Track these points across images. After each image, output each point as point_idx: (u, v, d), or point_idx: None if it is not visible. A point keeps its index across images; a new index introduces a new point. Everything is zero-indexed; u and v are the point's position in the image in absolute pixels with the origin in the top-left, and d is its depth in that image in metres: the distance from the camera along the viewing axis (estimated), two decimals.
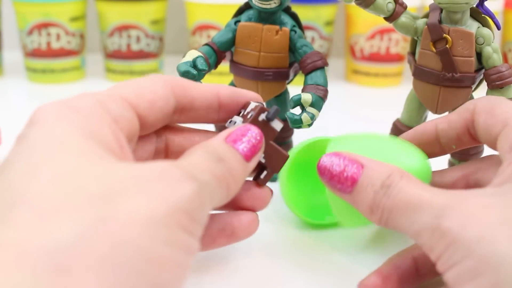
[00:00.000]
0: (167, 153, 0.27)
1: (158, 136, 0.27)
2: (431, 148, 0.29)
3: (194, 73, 0.33)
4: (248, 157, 0.24)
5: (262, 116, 0.25)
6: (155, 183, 0.19)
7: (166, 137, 0.27)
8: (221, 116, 0.27)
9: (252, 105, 0.26)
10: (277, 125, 0.26)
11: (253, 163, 0.24)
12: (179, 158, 0.22)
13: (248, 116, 0.25)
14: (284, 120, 0.29)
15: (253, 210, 0.27)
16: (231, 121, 0.27)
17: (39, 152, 0.19)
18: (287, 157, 0.27)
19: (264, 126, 0.25)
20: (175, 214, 0.19)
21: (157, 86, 0.25)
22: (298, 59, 0.36)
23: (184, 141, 0.27)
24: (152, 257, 0.17)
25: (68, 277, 0.16)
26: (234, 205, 0.26)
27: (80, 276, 0.16)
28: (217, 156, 0.22)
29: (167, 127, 0.27)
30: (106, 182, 0.19)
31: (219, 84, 0.27)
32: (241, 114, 0.27)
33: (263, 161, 0.26)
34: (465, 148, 0.30)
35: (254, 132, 0.24)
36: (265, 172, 0.26)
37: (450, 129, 0.28)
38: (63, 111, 0.21)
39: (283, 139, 0.40)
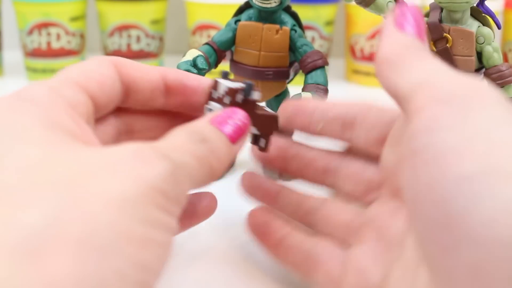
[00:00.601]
0: (133, 133, 0.27)
1: (116, 117, 0.26)
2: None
3: (194, 72, 0.33)
4: (233, 139, 0.23)
5: (240, 97, 0.25)
6: (127, 164, 0.18)
7: (127, 117, 0.27)
8: (170, 101, 0.27)
9: (223, 86, 0.26)
10: (256, 95, 0.26)
11: (238, 146, 0.24)
12: (160, 139, 0.21)
13: (224, 100, 0.25)
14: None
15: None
16: (209, 109, 0.26)
17: None
18: (277, 116, 0.27)
19: (245, 103, 0.25)
20: (150, 193, 0.18)
21: (103, 67, 0.24)
22: (298, 58, 0.36)
23: (146, 120, 0.27)
24: (130, 237, 0.17)
25: (45, 261, 0.16)
26: None
27: (58, 259, 0.16)
28: (200, 137, 0.22)
29: (128, 109, 0.26)
30: (75, 167, 0.18)
31: (168, 67, 0.27)
32: (214, 96, 0.26)
33: (257, 132, 0.26)
34: None
35: (240, 115, 0.24)
36: (262, 140, 0.27)
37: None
38: (17, 103, 0.20)
39: None
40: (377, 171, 0.26)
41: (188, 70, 0.33)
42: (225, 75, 0.26)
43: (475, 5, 0.32)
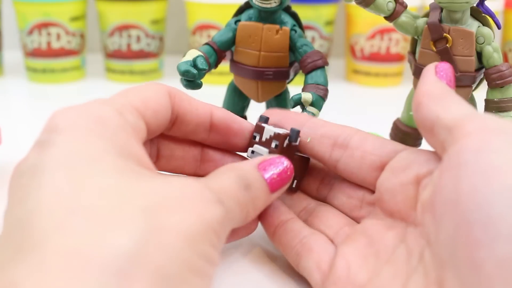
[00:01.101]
0: (158, 157, 0.28)
1: (151, 140, 0.28)
2: None
3: (194, 72, 0.33)
4: (274, 189, 0.25)
5: (286, 142, 0.28)
6: (192, 202, 0.21)
7: (158, 141, 0.28)
8: (211, 137, 0.28)
9: (269, 131, 0.28)
10: (297, 141, 0.28)
11: (276, 195, 0.26)
12: (209, 176, 0.24)
13: (272, 145, 0.27)
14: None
15: None
16: (253, 151, 0.28)
17: (79, 165, 0.20)
18: (309, 158, 0.29)
19: (288, 148, 0.28)
20: (207, 232, 0.20)
21: (159, 95, 0.25)
22: (299, 59, 0.36)
23: (175, 147, 0.29)
24: (193, 268, 0.19)
25: (130, 283, 0.17)
26: None
27: (140, 282, 0.17)
28: (246, 183, 0.24)
29: (162, 134, 0.28)
30: (147, 197, 0.20)
31: (214, 105, 0.28)
32: (257, 139, 0.28)
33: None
34: None
35: (286, 167, 0.26)
36: (295, 181, 0.29)
37: None
38: (90, 122, 0.22)
39: None
40: (368, 190, 0.28)
41: (188, 70, 0.33)
42: (265, 120, 0.29)
43: (475, 5, 0.32)
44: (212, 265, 0.21)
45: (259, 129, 0.28)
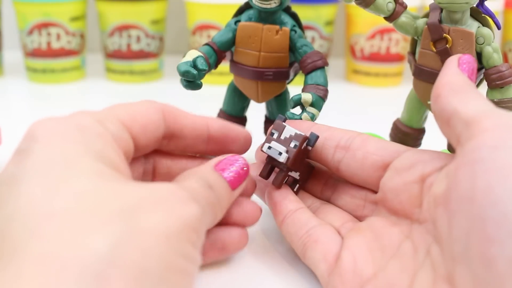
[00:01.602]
0: (154, 174, 0.29)
1: (146, 157, 0.28)
2: None
3: (194, 73, 0.33)
4: (234, 186, 0.26)
5: (304, 145, 0.28)
6: (168, 203, 0.21)
7: (154, 159, 0.28)
8: (209, 148, 0.29)
9: (290, 130, 0.28)
10: (313, 146, 0.28)
11: (238, 192, 0.26)
12: (176, 179, 0.24)
13: (292, 145, 0.28)
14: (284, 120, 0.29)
15: (243, 225, 0.28)
16: (270, 147, 0.28)
17: (54, 170, 0.20)
18: (313, 168, 0.30)
19: (304, 150, 0.28)
20: (186, 230, 0.21)
21: (149, 111, 0.26)
22: (298, 59, 0.36)
23: (171, 164, 0.29)
24: (172, 267, 0.19)
25: (109, 285, 0.17)
26: (226, 221, 0.27)
27: (118, 283, 0.17)
28: (208, 184, 0.24)
29: (155, 150, 0.28)
30: (123, 199, 0.20)
31: (209, 116, 0.29)
32: (275, 136, 0.28)
33: (297, 178, 0.30)
34: None
35: (242, 163, 0.26)
36: (297, 185, 0.30)
37: None
38: (67, 129, 0.22)
39: None
40: (370, 191, 0.28)
41: (188, 71, 0.33)
42: (284, 120, 0.29)
43: (474, 5, 0.32)
44: (193, 263, 0.21)
45: (278, 127, 0.28)
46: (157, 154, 0.28)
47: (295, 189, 0.30)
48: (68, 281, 0.17)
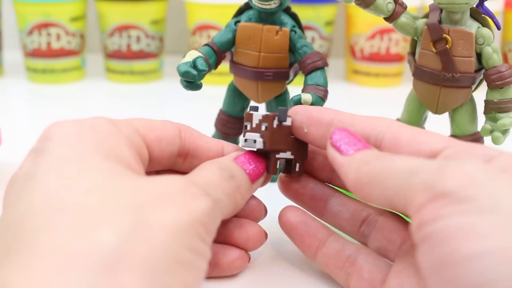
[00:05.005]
0: None
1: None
2: None
3: (194, 73, 0.33)
4: (253, 179, 0.26)
5: (275, 123, 0.27)
6: (178, 198, 0.21)
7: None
8: None
9: (257, 115, 0.27)
10: (289, 121, 0.28)
11: (255, 186, 0.27)
12: (192, 172, 0.25)
13: (263, 128, 0.27)
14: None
15: (244, 248, 0.27)
16: (246, 139, 0.27)
17: (67, 167, 0.21)
18: (307, 144, 0.28)
19: (280, 129, 0.27)
20: (195, 225, 0.21)
21: (166, 125, 0.26)
22: (298, 60, 0.36)
23: None
24: (180, 260, 0.20)
25: (117, 276, 0.18)
26: (225, 240, 0.27)
27: (126, 275, 0.18)
28: (229, 173, 0.25)
29: (170, 170, 0.28)
30: (133, 195, 0.21)
31: (223, 140, 0.29)
32: (248, 128, 0.28)
33: (291, 157, 0.28)
34: None
35: (258, 160, 0.27)
36: (297, 165, 0.28)
37: None
38: (81, 130, 0.23)
39: None
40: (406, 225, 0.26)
41: (188, 71, 0.33)
42: (255, 109, 0.28)
43: (474, 6, 0.32)
44: (202, 258, 0.21)
45: (248, 117, 0.28)
46: (172, 173, 0.28)
47: (297, 169, 0.28)
48: (78, 273, 0.17)
